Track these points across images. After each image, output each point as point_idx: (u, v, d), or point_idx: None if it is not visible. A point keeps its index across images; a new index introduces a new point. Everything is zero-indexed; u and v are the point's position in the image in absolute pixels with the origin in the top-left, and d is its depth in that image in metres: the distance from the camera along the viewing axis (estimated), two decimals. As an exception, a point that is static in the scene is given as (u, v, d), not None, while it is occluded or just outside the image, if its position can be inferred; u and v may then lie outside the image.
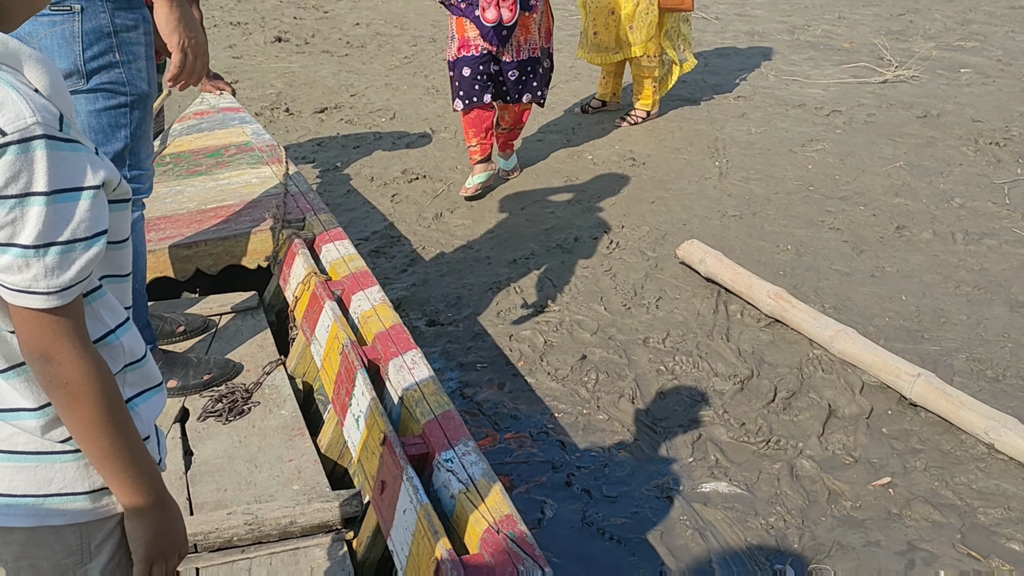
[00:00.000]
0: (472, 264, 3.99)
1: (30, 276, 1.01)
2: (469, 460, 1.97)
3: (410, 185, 4.81)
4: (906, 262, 3.88)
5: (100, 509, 1.18)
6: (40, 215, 0.99)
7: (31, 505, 1.14)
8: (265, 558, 2.07)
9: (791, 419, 2.91)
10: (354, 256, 2.99)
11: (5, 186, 0.98)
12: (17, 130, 0.98)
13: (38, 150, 0.99)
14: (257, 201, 3.47)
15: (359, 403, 2.25)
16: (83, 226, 1.03)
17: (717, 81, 6.40)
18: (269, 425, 2.54)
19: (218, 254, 3.16)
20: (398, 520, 1.90)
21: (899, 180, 4.69)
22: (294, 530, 2.12)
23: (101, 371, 1.08)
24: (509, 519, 1.77)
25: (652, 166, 4.97)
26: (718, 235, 4.15)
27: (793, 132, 5.41)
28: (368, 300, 2.69)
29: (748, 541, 2.44)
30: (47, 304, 1.02)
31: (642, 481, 2.68)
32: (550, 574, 1.64)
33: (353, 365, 2.33)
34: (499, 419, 2.98)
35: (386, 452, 2.02)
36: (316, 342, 2.66)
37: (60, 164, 1.00)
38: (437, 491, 1.98)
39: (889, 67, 6.53)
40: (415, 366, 2.33)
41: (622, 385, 3.12)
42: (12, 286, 1.01)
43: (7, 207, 0.98)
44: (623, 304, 3.62)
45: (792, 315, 3.31)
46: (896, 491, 2.60)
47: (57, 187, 1.00)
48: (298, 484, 2.29)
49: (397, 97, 6.26)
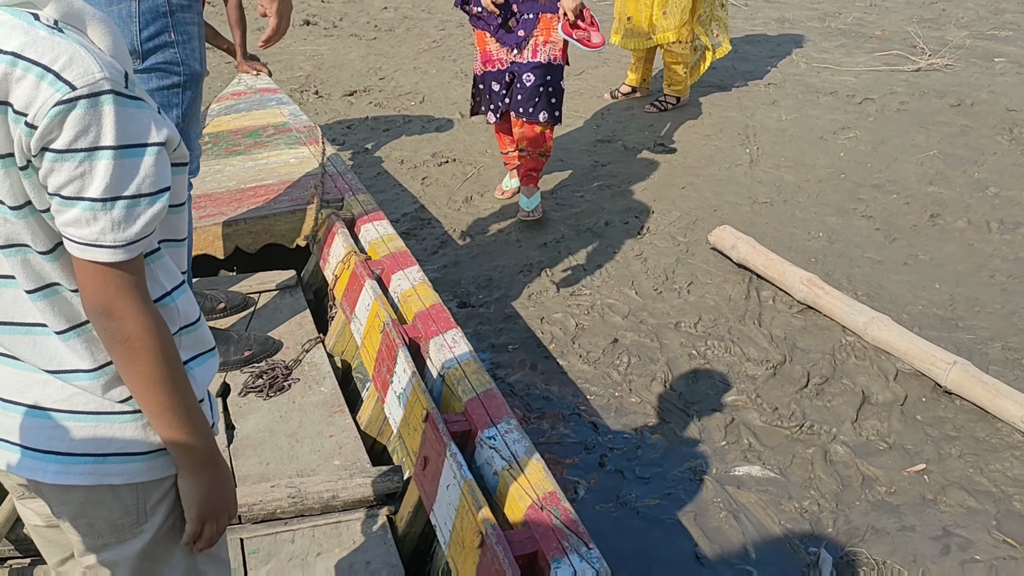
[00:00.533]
0: (502, 247, 4.00)
1: (97, 229, 1.02)
2: (512, 438, 1.98)
3: (440, 168, 4.82)
4: (940, 251, 3.85)
5: (156, 469, 1.20)
6: (108, 168, 1.01)
7: (90, 464, 1.17)
8: (308, 530, 2.11)
9: (824, 405, 2.91)
10: (393, 236, 3.00)
11: (75, 140, 0.99)
12: (86, 84, 0.99)
13: (106, 105, 1.00)
14: (295, 181, 3.50)
15: (400, 380, 2.28)
16: (148, 181, 1.05)
17: (747, 68, 6.36)
18: (309, 401, 2.57)
19: (257, 232, 3.19)
20: (441, 495, 1.92)
21: (932, 168, 4.65)
22: (336, 504, 2.15)
23: (161, 328, 1.10)
24: (553, 496, 1.78)
25: (682, 152, 4.95)
26: (749, 221, 4.13)
27: (824, 120, 5.37)
28: (408, 279, 2.71)
29: (782, 524, 2.45)
30: (112, 258, 1.04)
31: (675, 463, 2.69)
32: (595, 551, 1.65)
33: (394, 343, 2.35)
34: (531, 400, 3.00)
35: (429, 429, 2.04)
36: (356, 320, 2.68)
37: (127, 119, 1.02)
38: (480, 468, 1.99)
39: (922, 55, 6.46)
40: (456, 345, 2.34)
41: (654, 368, 3.12)
42: (79, 239, 1.03)
43: (76, 160, 1.00)
44: (654, 288, 3.62)
45: (825, 302, 3.31)
46: (931, 477, 2.60)
47: (124, 142, 1.02)
48: (339, 459, 2.32)
49: (426, 81, 6.27)
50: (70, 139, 0.99)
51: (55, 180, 1.01)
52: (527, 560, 1.67)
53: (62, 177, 1.01)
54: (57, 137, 0.99)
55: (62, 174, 1.00)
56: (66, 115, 0.98)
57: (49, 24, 1.03)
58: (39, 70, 0.98)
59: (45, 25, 1.03)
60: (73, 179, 1.01)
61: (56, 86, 0.98)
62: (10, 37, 1.00)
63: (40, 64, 0.98)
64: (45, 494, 1.21)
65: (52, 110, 0.98)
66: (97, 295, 1.06)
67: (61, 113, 0.98)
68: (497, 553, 1.63)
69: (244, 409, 2.50)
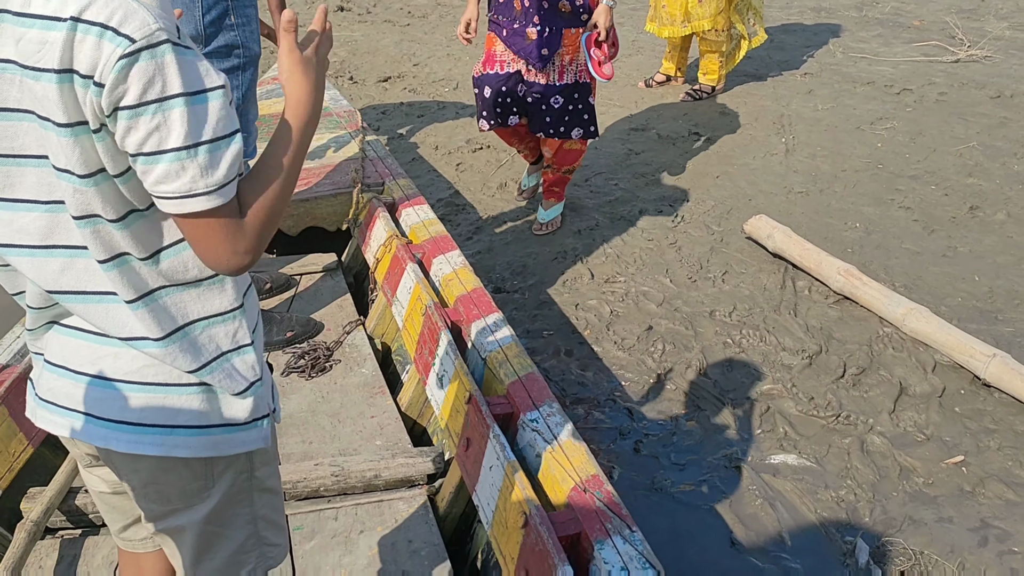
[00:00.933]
0: (537, 233, 4.00)
1: (188, 179, 1.03)
2: (554, 421, 2.00)
3: (474, 155, 4.83)
4: (979, 243, 3.81)
5: (223, 445, 1.23)
6: (183, 116, 1.02)
7: (159, 435, 1.19)
8: (351, 508, 2.15)
9: (861, 395, 2.90)
10: (433, 220, 3.02)
11: (144, 92, 1.00)
12: (144, 36, 1.00)
13: (167, 55, 1.01)
14: (336, 165, 3.53)
15: (442, 363, 2.30)
16: (221, 124, 1.06)
17: (783, 57, 6.31)
18: (350, 382, 2.60)
19: (299, 215, 3.23)
20: (484, 476, 1.94)
21: (971, 160, 4.60)
22: (378, 483, 2.18)
23: (261, 209, 1.11)
24: (595, 479, 1.80)
25: (717, 141, 4.93)
26: (784, 211, 4.11)
27: (861, 109, 5.32)
28: (449, 263, 2.73)
29: (818, 512, 2.45)
30: (209, 204, 1.05)
31: (710, 450, 2.69)
32: (638, 533, 1.66)
33: (437, 326, 2.37)
34: (566, 386, 3.01)
35: (471, 411, 2.06)
36: (397, 303, 2.71)
37: (187, 67, 1.03)
38: (522, 450, 2.01)
39: (961, 46, 6.37)
40: (497, 329, 2.36)
41: (689, 356, 3.12)
42: (173, 193, 1.04)
43: (150, 113, 1.01)
44: (688, 277, 3.62)
45: (863, 292, 3.29)
46: (969, 469, 2.59)
47: (191, 88, 1.03)
48: (380, 440, 2.35)
49: (459, 67, 6.28)
50: (139, 92, 1.00)
51: (134, 138, 1.02)
52: (570, 541, 1.68)
53: (140, 133, 1.01)
54: (126, 93, 1.00)
55: (140, 130, 1.01)
56: (130, 68, 0.99)
57: None
58: (98, 29, 0.99)
59: None
60: (151, 133, 1.01)
61: (116, 41, 0.98)
62: (67, 4, 1.00)
63: (97, 23, 0.99)
64: (115, 462, 1.24)
65: (116, 65, 0.98)
66: (210, 253, 1.09)
67: (125, 67, 0.99)
68: (541, 534, 1.65)
69: (287, 389, 2.53)
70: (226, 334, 1.21)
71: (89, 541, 2.09)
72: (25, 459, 2.17)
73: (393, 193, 3.24)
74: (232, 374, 1.21)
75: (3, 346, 2.42)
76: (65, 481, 2.12)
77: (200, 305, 1.19)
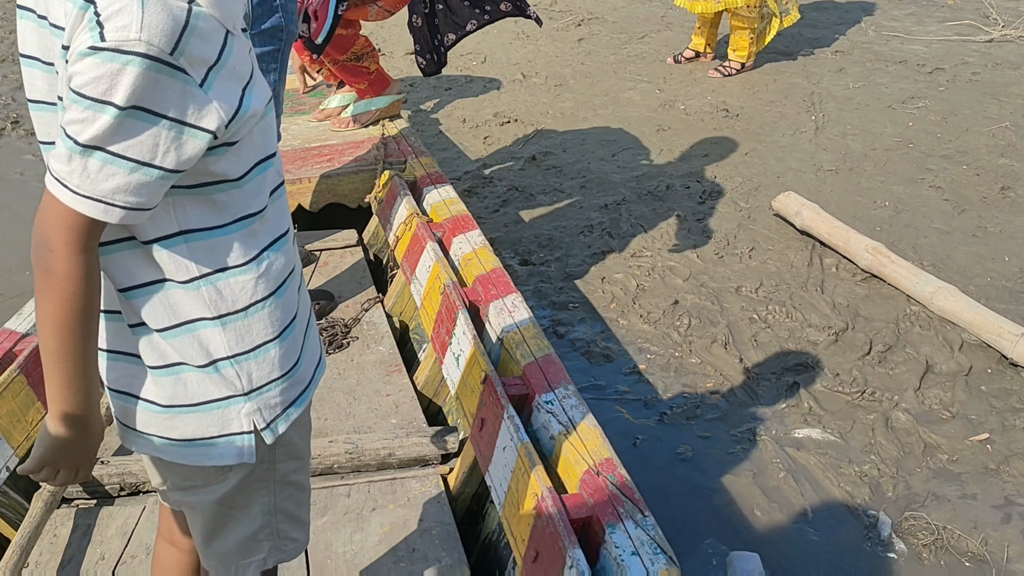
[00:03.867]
0: (564, 207, 4.02)
1: (67, 169, 1.01)
2: (569, 403, 1.98)
3: (502, 128, 4.84)
4: (1010, 223, 3.78)
5: (192, 457, 1.24)
6: (108, 122, 0.98)
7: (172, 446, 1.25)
8: (363, 485, 2.16)
9: (887, 372, 2.90)
10: (455, 199, 3.02)
11: (86, 85, 0.97)
12: (116, 41, 0.96)
13: (130, 66, 0.96)
14: (359, 142, 3.54)
15: (459, 342, 2.30)
16: (144, 149, 1.01)
17: (814, 35, 6.24)
18: (367, 360, 2.62)
19: (320, 192, 3.24)
20: (497, 457, 1.93)
21: (1004, 140, 4.54)
22: (392, 462, 2.20)
23: (85, 281, 1.06)
24: (609, 462, 1.77)
25: (745, 118, 4.90)
26: (813, 189, 4.09)
27: (893, 88, 5.26)
28: (469, 243, 2.73)
29: (841, 487, 2.46)
30: (70, 202, 1.02)
31: (734, 423, 2.71)
32: (650, 518, 1.64)
33: (455, 305, 2.37)
34: (591, 357, 3.03)
35: (486, 391, 2.05)
36: (416, 281, 2.71)
37: (150, 85, 0.98)
38: (536, 431, 2.00)
39: (995, 26, 6.28)
40: (515, 309, 2.35)
41: (714, 331, 3.13)
42: (53, 172, 1.03)
43: (84, 105, 0.98)
44: (715, 252, 3.62)
45: (891, 270, 3.28)
46: (994, 447, 2.59)
47: (137, 104, 0.98)
48: (395, 418, 2.37)
49: (487, 41, 6.26)
50: (83, 83, 0.98)
51: (67, 116, 1.01)
52: (582, 524, 1.66)
53: (71, 114, 1.00)
54: (75, 77, 0.98)
55: (71, 112, 1.00)
56: (87, 59, 0.97)
57: None
58: (92, 13, 0.97)
59: None
60: (75, 120, 0.99)
61: (93, 32, 0.96)
62: None
63: (95, 7, 0.97)
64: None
65: (79, 51, 0.97)
66: (43, 217, 1.05)
67: (83, 56, 0.97)
68: (552, 516, 1.63)
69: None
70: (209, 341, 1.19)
71: (104, 511, 2.12)
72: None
73: (415, 171, 3.25)
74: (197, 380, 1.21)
75: (23, 315, 2.44)
76: None
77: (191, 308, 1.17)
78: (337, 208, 3.37)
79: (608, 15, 6.88)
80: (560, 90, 5.39)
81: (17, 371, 2.18)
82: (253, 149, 1.14)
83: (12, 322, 2.42)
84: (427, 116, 5.05)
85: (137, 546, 2.03)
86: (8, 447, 2.09)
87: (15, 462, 2.10)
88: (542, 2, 7.18)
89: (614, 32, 6.49)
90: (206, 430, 1.21)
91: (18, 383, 2.17)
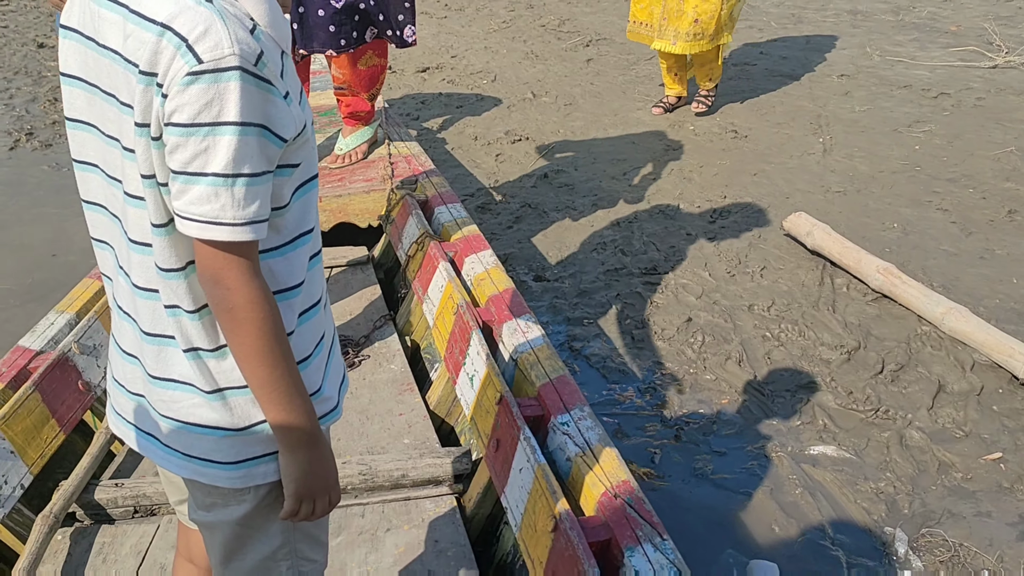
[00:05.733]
0: (577, 224, 4.06)
1: (218, 206, 1.03)
2: (585, 425, 1.99)
3: (513, 146, 4.89)
4: (1017, 246, 3.83)
5: (247, 478, 1.25)
6: (231, 144, 1.01)
7: (186, 462, 1.26)
8: (377, 506, 2.17)
9: (900, 391, 2.94)
10: (466, 219, 3.05)
11: (198, 113, 1.00)
12: (213, 59, 0.99)
13: (232, 81, 0.99)
14: (370, 161, 3.57)
15: (473, 363, 2.30)
16: (264, 161, 1.05)
17: (819, 59, 6.32)
18: (379, 379, 2.63)
19: (332, 211, 3.26)
20: (513, 478, 1.93)
21: (1009, 165, 4.60)
22: (406, 482, 2.20)
23: (266, 302, 1.09)
24: (626, 484, 1.78)
25: (753, 139, 4.96)
26: (821, 210, 4.14)
27: (898, 112, 5.33)
28: (481, 263, 2.75)
29: (858, 503, 2.49)
30: (231, 236, 1.04)
31: (750, 439, 2.74)
32: (669, 542, 1.64)
33: (468, 325, 2.37)
34: (607, 373, 3.06)
35: (501, 411, 2.06)
36: (428, 301, 2.73)
37: (249, 98, 1.01)
38: (552, 453, 2.00)
39: (999, 52, 6.36)
40: (529, 330, 2.36)
41: (728, 348, 3.17)
42: (200, 216, 1.03)
43: (201, 135, 1.00)
44: (727, 271, 3.66)
45: (902, 291, 3.32)
46: (1007, 466, 2.62)
47: (247, 119, 1.01)
48: (408, 438, 2.38)
49: (497, 60, 6.33)
50: (194, 112, 0.99)
51: (180, 156, 1.01)
52: (600, 547, 1.66)
53: (187, 152, 1.01)
54: (182, 109, 0.99)
55: (187, 149, 1.01)
56: (191, 87, 0.99)
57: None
58: (178, 40, 0.99)
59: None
60: (198, 154, 1.00)
61: (187, 58, 0.98)
62: (163, 7, 1.01)
63: (179, 34, 0.99)
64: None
65: (181, 81, 0.99)
66: (207, 262, 1.07)
67: (187, 85, 0.99)
68: (571, 539, 1.63)
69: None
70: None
71: (117, 530, 2.13)
72: (57, 445, 2.20)
73: (426, 191, 3.26)
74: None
75: (37, 332, 2.46)
76: (85, 474, 2.16)
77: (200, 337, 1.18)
78: (347, 227, 3.39)
79: (616, 36, 6.95)
80: (570, 109, 5.45)
81: (32, 388, 2.18)
82: (300, 172, 1.17)
83: (26, 339, 2.43)
84: (440, 133, 5.10)
85: (151, 565, 2.03)
86: (23, 464, 2.09)
87: (29, 479, 2.10)
88: (550, 23, 7.27)
89: (622, 53, 6.57)
90: (238, 452, 1.22)
91: (33, 400, 2.17)
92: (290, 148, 1.10)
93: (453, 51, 6.53)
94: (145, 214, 1.11)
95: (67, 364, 2.34)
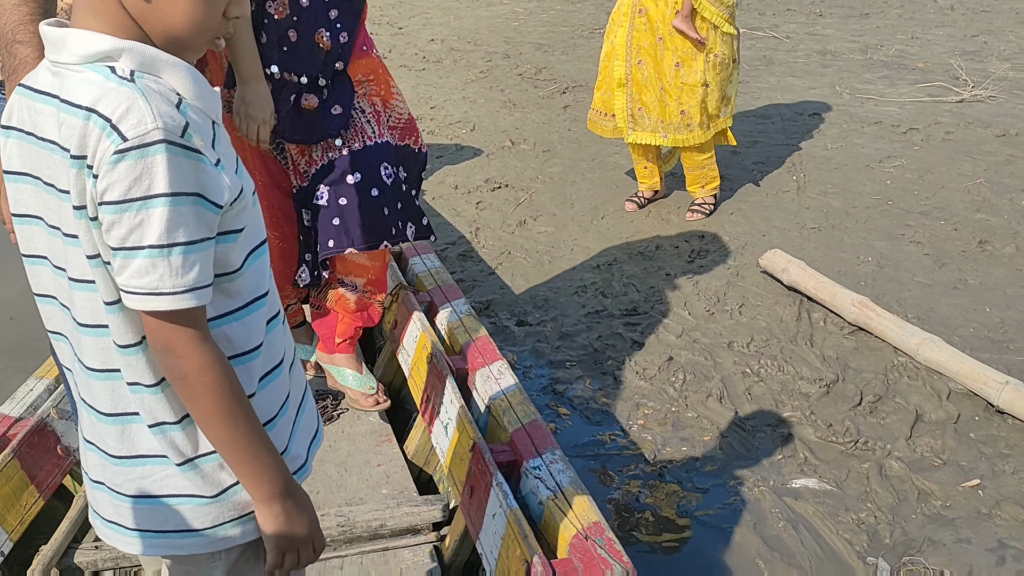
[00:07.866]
0: (557, 268, 4.12)
1: (156, 276, 1.04)
2: (556, 468, 2.04)
3: (493, 193, 4.97)
4: (989, 275, 3.91)
5: (218, 543, 1.25)
6: (163, 215, 1.03)
7: (155, 538, 1.26)
8: (356, 557, 2.19)
9: (878, 422, 2.98)
10: (440, 269, 3.12)
11: (129, 189, 1.03)
12: (138, 136, 1.02)
13: (158, 154, 1.02)
14: None
15: (447, 411, 2.35)
16: (200, 229, 1.07)
17: (791, 98, 6.47)
18: (358, 431, 2.67)
19: None
20: (487, 524, 1.97)
21: (979, 196, 4.71)
22: (384, 532, 2.22)
23: (217, 364, 1.11)
24: (597, 526, 1.83)
25: (729, 179, 5.06)
26: (797, 246, 4.22)
27: (870, 148, 5.45)
28: (455, 312, 2.82)
29: (840, 534, 2.51)
30: (172, 305, 1.06)
31: (732, 475, 2.77)
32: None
33: (442, 374, 2.43)
34: (590, 414, 3.10)
35: (475, 458, 2.10)
36: (404, 351, 2.78)
37: (177, 169, 1.04)
38: (525, 497, 2.04)
39: (965, 87, 6.53)
40: (501, 376, 2.42)
41: (709, 385, 3.21)
42: (140, 289, 1.06)
43: (134, 210, 1.03)
44: (706, 309, 3.72)
45: (877, 323, 3.38)
46: (985, 492, 2.66)
47: (177, 190, 1.04)
48: (386, 488, 2.41)
49: (475, 110, 6.45)
50: (125, 189, 1.02)
51: (117, 232, 1.04)
52: None
53: (123, 228, 1.04)
54: (112, 187, 1.02)
55: (123, 225, 1.03)
56: (119, 164, 1.01)
57: (124, 75, 1.06)
58: (102, 121, 1.02)
59: (119, 77, 1.06)
60: (133, 229, 1.03)
61: (112, 137, 1.01)
62: (87, 92, 1.05)
63: (103, 116, 1.02)
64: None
65: (109, 160, 1.02)
66: (155, 333, 1.09)
67: (114, 163, 1.01)
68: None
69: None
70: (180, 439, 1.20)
71: None
72: (36, 511, 2.21)
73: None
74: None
75: (16, 399, 2.47)
76: (64, 537, 2.16)
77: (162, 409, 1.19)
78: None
79: (592, 83, 7.07)
80: (548, 155, 5.55)
81: (11, 455, 2.19)
82: (247, 237, 1.19)
83: (5, 407, 2.46)
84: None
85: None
86: (2, 531, 2.10)
87: (9, 546, 2.10)
88: (527, 72, 7.41)
89: (598, 99, 6.69)
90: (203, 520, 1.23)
91: (12, 467, 2.18)
92: (228, 213, 1.13)
93: (432, 102, 6.65)
94: (93, 296, 1.13)
95: (45, 430, 2.35)
